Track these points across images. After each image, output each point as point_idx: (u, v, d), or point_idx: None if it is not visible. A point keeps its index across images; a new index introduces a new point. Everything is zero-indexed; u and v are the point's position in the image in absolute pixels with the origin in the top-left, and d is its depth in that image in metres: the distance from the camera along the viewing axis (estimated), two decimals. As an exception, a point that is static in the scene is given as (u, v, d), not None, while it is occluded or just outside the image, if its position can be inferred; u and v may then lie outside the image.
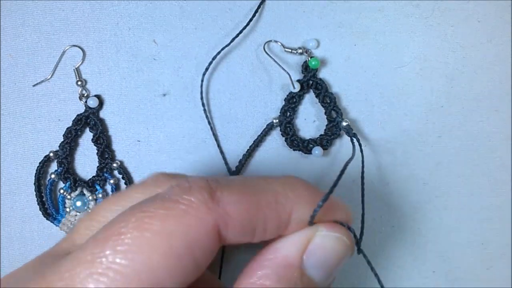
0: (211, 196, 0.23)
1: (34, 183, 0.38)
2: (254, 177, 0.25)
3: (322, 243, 0.25)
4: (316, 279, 0.25)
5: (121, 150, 0.38)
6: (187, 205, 0.22)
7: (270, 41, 0.38)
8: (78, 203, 0.38)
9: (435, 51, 0.38)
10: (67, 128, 0.38)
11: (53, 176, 0.38)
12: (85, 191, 0.38)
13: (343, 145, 0.38)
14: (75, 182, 0.38)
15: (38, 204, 0.38)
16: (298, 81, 0.38)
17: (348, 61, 0.38)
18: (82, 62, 0.38)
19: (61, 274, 0.21)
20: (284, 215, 0.24)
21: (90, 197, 0.38)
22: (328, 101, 0.38)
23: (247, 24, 0.37)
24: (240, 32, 0.37)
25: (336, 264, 0.25)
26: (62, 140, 0.38)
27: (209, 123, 0.38)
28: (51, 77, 0.38)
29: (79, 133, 0.38)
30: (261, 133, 0.38)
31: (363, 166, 0.36)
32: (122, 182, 0.38)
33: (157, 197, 0.23)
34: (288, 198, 0.24)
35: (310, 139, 0.38)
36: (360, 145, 0.36)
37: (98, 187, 0.38)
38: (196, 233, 0.22)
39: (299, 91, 0.38)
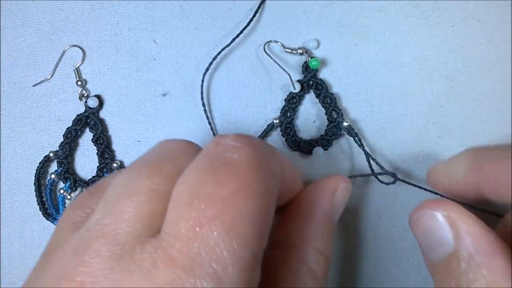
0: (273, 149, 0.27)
1: (34, 183, 0.38)
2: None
3: (342, 194, 0.32)
4: (335, 222, 0.32)
5: (121, 150, 0.38)
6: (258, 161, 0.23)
7: (270, 41, 0.38)
8: (78, 203, 0.38)
9: (435, 51, 0.38)
10: (67, 128, 0.38)
11: (53, 176, 0.38)
12: (85, 191, 0.38)
13: (344, 146, 0.38)
14: (75, 182, 0.38)
15: (38, 204, 0.38)
16: (299, 81, 0.38)
17: (348, 61, 0.38)
18: (82, 62, 0.38)
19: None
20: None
21: (90, 197, 0.38)
22: (329, 102, 0.38)
23: (248, 24, 0.37)
24: (241, 32, 0.37)
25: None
26: (62, 140, 0.38)
27: (209, 123, 0.38)
28: (51, 77, 0.38)
29: (79, 133, 0.38)
30: (262, 133, 0.38)
31: (370, 165, 0.36)
32: (122, 182, 0.38)
33: (208, 158, 0.23)
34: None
35: (310, 139, 0.38)
36: (362, 145, 0.36)
37: (98, 187, 0.38)
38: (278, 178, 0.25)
39: (299, 92, 0.38)
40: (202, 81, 0.38)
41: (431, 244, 0.28)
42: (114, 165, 0.38)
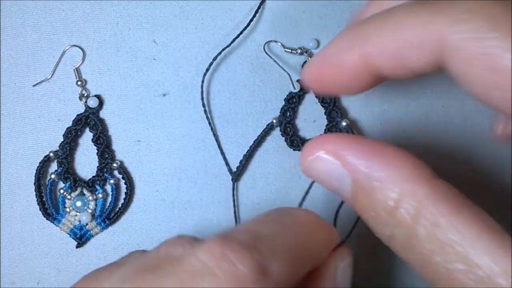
0: (261, 273, 0.21)
1: (34, 183, 0.38)
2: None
3: (344, 273, 0.26)
4: None
5: (121, 150, 0.38)
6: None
7: (270, 41, 0.38)
8: (78, 203, 0.38)
9: (435, 51, 0.38)
10: (67, 128, 0.38)
11: (53, 176, 0.38)
12: (85, 191, 0.38)
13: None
14: (75, 182, 0.38)
15: (38, 204, 0.38)
16: (298, 81, 0.38)
17: (348, 61, 0.38)
18: (82, 62, 0.38)
19: None
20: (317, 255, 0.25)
21: (90, 197, 0.38)
22: (328, 101, 0.38)
23: (248, 24, 0.37)
24: (241, 32, 0.37)
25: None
26: (62, 140, 0.38)
27: (209, 123, 0.38)
28: (51, 77, 0.38)
29: (79, 133, 0.38)
30: (261, 133, 0.38)
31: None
32: (122, 182, 0.38)
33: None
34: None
35: (310, 139, 0.38)
36: None
37: (98, 187, 0.38)
38: None
39: (299, 91, 0.38)
40: (202, 81, 0.38)
41: (335, 186, 0.24)
42: (114, 165, 0.38)
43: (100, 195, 0.38)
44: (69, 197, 0.38)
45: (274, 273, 0.21)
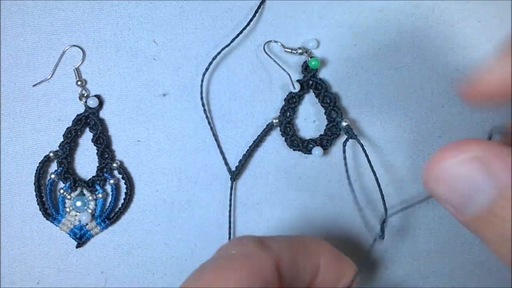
0: (261, 244, 0.29)
1: (34, 183, 0.38)
2: (286, 235, 0.34)
3: None
4: None
5: (121, 150, 0.38)
6: (247, 255, 0.28)
7: (270, 41, 0.38)
8: (78, 203, 0.38)
9: (435, 51, 0.38)
10: (67, 128, 0.38)
11: (53, 176, 0.38)
12: (85, 191, 0.38)
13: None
14: (75, 182, 0.38)
15: (38, 204, 0.38)
16: (298, 81, 0.38)
17: (348, 61, 0.38)
18: (82, 62, 0.38)
19: None
20: (315, 259, 0.30)
21: (90, 197, 0.38)
22: (328, 101, 0.37)
23: (247, 24, 0.37)
24: (240, 32, 0.37)
25: None
26: (62, 140, 0.38)
27: (209, 123, 0.38)
28: (51, 77, 0.38)
29: (79, 133, 0.38)
30: (261, 133, 0.38)
31: (372, 167, 0.36)
32: (122, 182, 0.38)
33: (222, 257, 0.29)
34: (315, 247, 0.31)
35: (310, 139, 0.38)
36: (362, 145, 0.36)
37: (98, 187, 0.38)
38: (267, 272, 0.27)
39: (299, 91, 0.38)
40: (202, 81, 0.38)
41: (463, 198, 0.22)
42: (114, 165, 0.38)
43: (100, 195, 0.38)
44: (69, 197, 0.38)
45: (272, 247, 0.29)
